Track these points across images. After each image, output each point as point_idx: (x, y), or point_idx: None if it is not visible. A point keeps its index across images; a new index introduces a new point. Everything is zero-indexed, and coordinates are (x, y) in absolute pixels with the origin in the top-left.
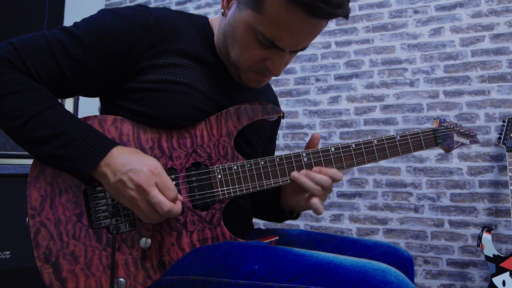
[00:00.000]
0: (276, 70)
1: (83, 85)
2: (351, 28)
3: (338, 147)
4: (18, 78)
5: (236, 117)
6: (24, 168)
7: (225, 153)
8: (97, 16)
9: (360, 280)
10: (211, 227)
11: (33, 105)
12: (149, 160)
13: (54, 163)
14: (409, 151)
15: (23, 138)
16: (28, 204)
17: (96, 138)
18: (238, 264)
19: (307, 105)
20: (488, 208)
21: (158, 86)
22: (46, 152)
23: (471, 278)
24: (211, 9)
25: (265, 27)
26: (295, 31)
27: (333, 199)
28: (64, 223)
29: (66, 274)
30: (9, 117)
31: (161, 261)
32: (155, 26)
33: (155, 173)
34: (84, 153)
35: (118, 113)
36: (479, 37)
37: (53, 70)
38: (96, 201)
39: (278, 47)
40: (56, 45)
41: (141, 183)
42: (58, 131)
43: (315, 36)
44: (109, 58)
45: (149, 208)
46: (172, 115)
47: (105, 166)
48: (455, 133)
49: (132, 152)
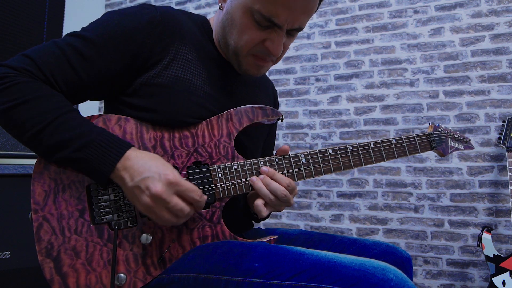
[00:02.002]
0: (276, 50)
1: (99, 86)
2: (351, 28)
3: (336, 148)
4: (36, 86)
5: (236, 118)
6: (24, 168)
7: (226, 153)
8: (105, 18)
9: (360, 278)
10: (211, 225)
11: (50, 111)
12: (166, 169)
13: (74, 166)
14: (404, 154)
15: (41, 143)
16: (32, 199)
17: (112, 140)
18: (239, 262)
19: (307, 105)
20: (488, 208)
21: (165, 81)
22: (64, 156)
23: (471, 278)
24: (211, 9)
25: (261, 5)
26: (290, 4)
27: (333, 199)
28: (66, 218)
29: (67, 268)
30: (27, 124)
31: (161, 257)
32: (162, 21)
33: (173, 182)
34: (101, 155)
35: (122, 110)
36: (479, 37)
37: (69, 75)
38: (98, 197)
39: (275, 25)
40: (69, 50)
41: (159, 194)
42: (75, 134)
43: (310, 12)
44: (122, 56)
45: (171, 215)
46: (176, 111)
47: (123, 170)
48: (450, 138)
49: (151, 157)
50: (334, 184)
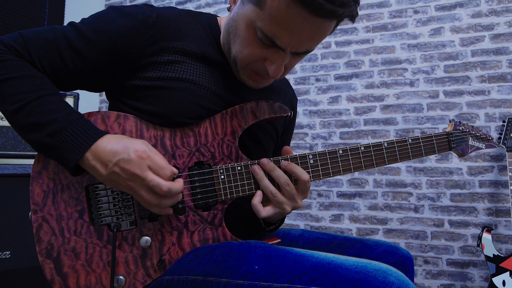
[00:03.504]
0: (274, 72)
1: (84, 79)
2: (351, 28)
3: (346, 149)
4: (20, 65)
5: (241, 115)
6: (24, 168)
7: (229, 152)
8: (103, 13)
9: (361, 281)
10: (212, 228)
11: (30, 91)
12: (135, 145)
13: (44, 151)
14: (420, 155)
15: (17, 122)
16: (31, 199)
17: (84, 128)
18: (238, 264)
19: (307, 105)
20: (488, 208)
21: (160, 83)
22: (36, 139)
23: (471, 278)
24: (211, 9)
25: (264, 23)
26: (295, 29)
27: (333, 199)
28: (65, 219)
29: (67, 269)
30: (6, 101)
31: (161, 260)
32: (157, 23)
33: (144, 157)
34: (71, 143)
35: (124, 110)
36: (479, 37)
37: (56, 61)
38: (97, 198)
39: (278, 47)
40: (62, 38)
41: (134, 172)
42: (49, 119)
43: (319, 38)
44: (111, 54)
45: (150, 193)
46: (175, 113)
47: (94, 159)
48: (471, 136)
49: (118, 138)
50: (334, 184)
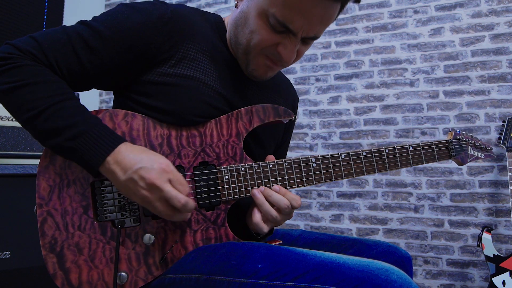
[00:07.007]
0: (288, 56)
1: (101, 77)
2: (351, 28)
3: (349, 154)
4: (38, 70)
5: (247, 118)
6: (24, 168)
7: (234, 153)
8: (116, 10)
9: (364, 279)
10: (215, 227)
11: (48, 97)
12: (159, 158)
13: (65, 154)
14: (420, 162)
15: (36, 129)
16: (37, 193)
17: (105, 133)
18: (241, 263)
19: (307, 105)
20: (488, 208)
21: (172, 80)
22: (56, 143)
23: (471, 278)
24: (211, 9)
25: (278, 9)
26: (306, 12)
27: (333, 199)
28: (70, 214)
29: (69, 264)
30: (24, 107)
31: (163, 258)
32: (172, 18)
33: (167, 170)
34: (93, 146)
35: (131, 107)
36: (479, 37)
37: (73, 63)
38: (102, 195)
39: (290, 31)
40: (76, 38)
41: (153, 181)
42: (69, 123)
43: (327, 22)
44: (127, 51)
45: (164, 205)
46: (185, 110)
47: (114, 164)
48: (470, 146)
49: (142, 150)
50: (334, 184)
